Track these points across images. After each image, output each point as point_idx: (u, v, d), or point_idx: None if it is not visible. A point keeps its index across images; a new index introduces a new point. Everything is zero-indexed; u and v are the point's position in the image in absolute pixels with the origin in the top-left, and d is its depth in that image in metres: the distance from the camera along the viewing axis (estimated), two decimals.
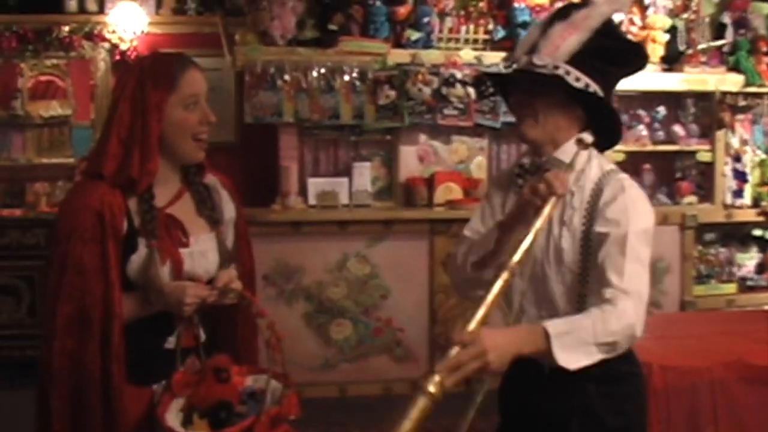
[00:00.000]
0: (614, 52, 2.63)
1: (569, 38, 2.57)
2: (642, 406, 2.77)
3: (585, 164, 2.62)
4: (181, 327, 2.61)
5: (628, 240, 2.47)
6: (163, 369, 2.56)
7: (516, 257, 2.30)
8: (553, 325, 2.31)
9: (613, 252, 2.47)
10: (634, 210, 2.53)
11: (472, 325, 2.17)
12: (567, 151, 2.60)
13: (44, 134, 7.39)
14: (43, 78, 7.29)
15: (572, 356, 2.31)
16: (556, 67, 2.52)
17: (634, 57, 2.75)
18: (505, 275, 2.26)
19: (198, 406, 2.43)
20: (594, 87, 2.55)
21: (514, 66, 2.61)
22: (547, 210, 2.40)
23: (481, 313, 2.19)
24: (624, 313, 2.36)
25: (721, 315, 6.28)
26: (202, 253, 2.68)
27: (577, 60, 2.55)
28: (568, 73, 2.52)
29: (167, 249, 2.60)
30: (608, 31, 2.63)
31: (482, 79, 6.17)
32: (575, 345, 2.32)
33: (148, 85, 2.59)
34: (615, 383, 2.65)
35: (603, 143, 2.68)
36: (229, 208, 2.84)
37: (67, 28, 6.93)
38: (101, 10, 6.96)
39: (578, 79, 2.52)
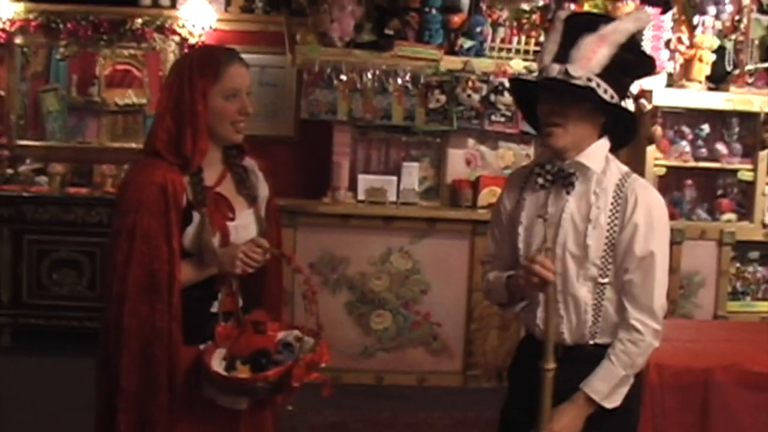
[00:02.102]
0: (634, 65, 2.83)
1: (599, 51, 2.72)
2: (639, 386, 2.97)
3: (605, 167, 2.84)
4: (223, 292, 2.89)
5: (656, 260, 2.80)
6: (208, 330, 2.84)
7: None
8: (596, 392, 2.76)
9: (642, 272, 2.80)
10: (659, 222, 2.82)
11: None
12: (590, 155, 2.81)
13: (119, 121, 7.67)
14: (120, 67, 7.58)
15: (618, 398, 2.78)
16: (590, 80, 2.70)
17: (648, 69, 2.98)
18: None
19: (240, 355, 2.72)
20: (616, 97, 2.77)
21: (549, 75, 2.77)
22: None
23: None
24: (650, 347, 2.79)
25: (729, 324, 6.31)
26: (244, 226, 2.97)
27: (604, 72, 2.72)
28: (598, 85, 2.70)
29: (217, 222, 2.89)
30: (631, 46, 2.81)
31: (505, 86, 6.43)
32: (617, 391, 2.78)
33: (195, 74, 2.86)
34: None
35: (616, 143, 2.90)
36: (263, 188, 3.12)
37: (140, 21, 7.24)
38: (173, 5, 7.25)
39: (606, 91, 2.72)
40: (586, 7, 6.67)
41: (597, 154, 2.84)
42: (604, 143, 2.86)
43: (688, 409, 4.09)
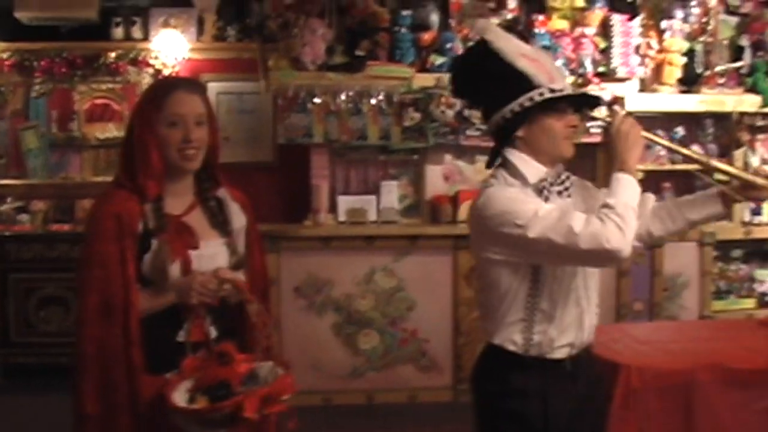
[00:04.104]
0: None
1: None
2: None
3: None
4: (190, 321, 2.89)
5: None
6: (175, 360, 2.84)
7: None
8: None
9: None
10: None
11: None
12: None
13: (101, 155, 7.71)
14: (98, 101, 7.61)
15: None
16: None
17: None
18: None
19: (202, 386, 2.74)
20: None
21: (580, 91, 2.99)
22: None
23: None
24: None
25: (711, 323, 6.33)
26: (210, 256, 2.99)
27: None
28: None
29: (177, 249, 2.91)
30: None
31: None
32: None
33: (144, 104, 2.98)
34: None
35: None
36: (238, 219, 3.14)
37: (113, 55, 7.29)
38: (145, 37, 7.29)
39: None
40: (555, 18, 6.74)
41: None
42: None
43: (672, 411, 4.07)
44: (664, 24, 6.94)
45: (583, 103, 3.04)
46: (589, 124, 6.59)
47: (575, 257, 2.73)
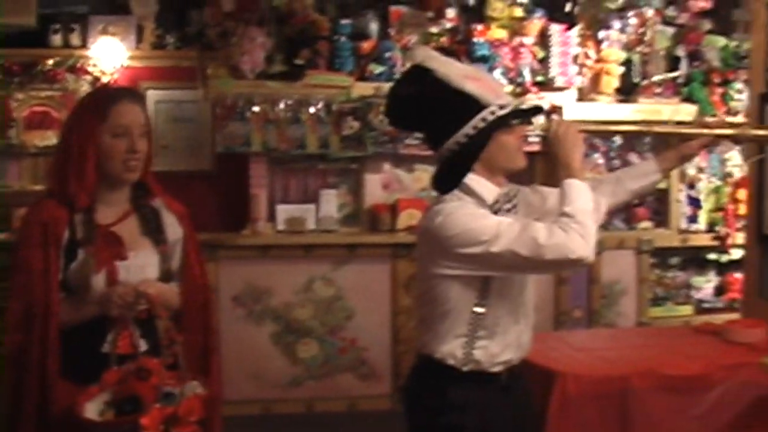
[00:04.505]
0: None
1: None
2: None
3: None
4: (114, 332, 2.87)
5: None
6: (99, 371, 2.80)
7: None
8: None
9: None
10: None
11: None
12: None
13: (39, 163, 7.59)
14: (37, 109, 7.49)
15: None
16: None
17: None
18: None
19: (116, 400, 2.72)
20: None
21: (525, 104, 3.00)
22: None
23: None
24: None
25: (646, 330, 6.42)
26: (140, 267, 2.97)
27: None
28: None
29: (104, 259, 2.90)
30: None
31: None
32: None
33: (85, 114, 2.96)
34: None
35: None
36: (174, 230, 3.12)
37: (51, 62, 7.20)
38: (84, 45, 7.20)
39: None
40: (493, 28, 6.78)
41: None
42: None
43: (608, 418, 4.08)
44: (601, 34, 7.02)
45: (528, 114, 3.03)
46: (528, 133, 6.62)
47: (539, 267, 2.76)
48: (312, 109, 6.52)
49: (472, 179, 2.89)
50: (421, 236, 3.01)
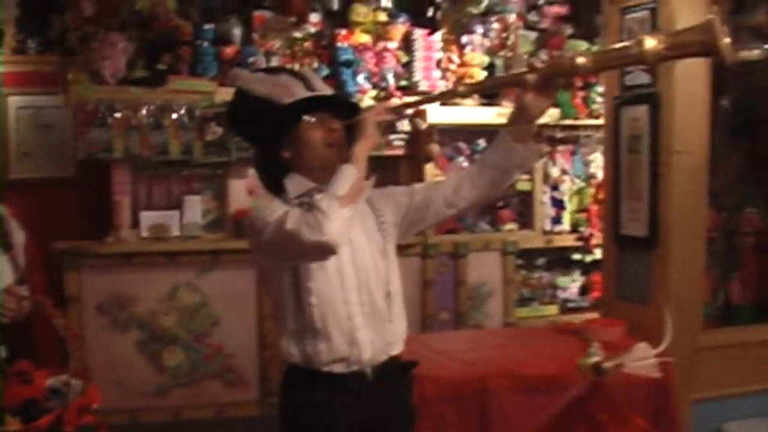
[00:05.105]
0: None
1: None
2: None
3: None
4: None
5: None
6: None
7: None
8: None
9: None
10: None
11: None
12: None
13: None
14: None
15: None
16: None
17: None
18: None
19: (9, 407, 2.69)
20: None
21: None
22: None
23: None
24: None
25: (505, 331, 6.57)
26: None
27: None
28: None
29: None
30: None
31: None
32: None
33: None
34: (408, 377, 3.18)
35: None
36: (18, 234, 3.10)
37: None
38: None
39: None
40: (357, 32, 6.81)
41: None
42: None
43: (467, 419, 4.15)
44: (464, 39, 7.11)
45: (343, 110, 3.04)
46: (392, 136, 6.70)
47: (294, 253, 2.79)
48: (174, 115, 6.45)
49: (288, 177, 2.97)
50: None
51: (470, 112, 6.93)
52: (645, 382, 3.93)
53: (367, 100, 6.49)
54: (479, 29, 7.14)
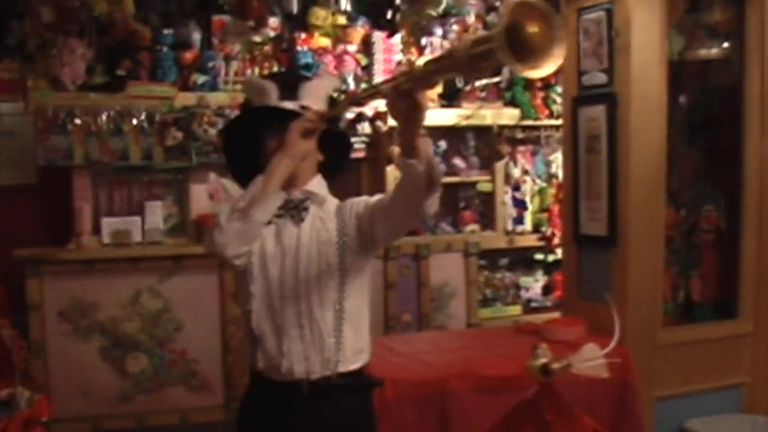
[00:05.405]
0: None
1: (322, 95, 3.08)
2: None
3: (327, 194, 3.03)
4: None
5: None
6: None
7: None
8: None
9: None
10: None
11: None
12: (316, 184, 3.02)
13: None
14: None
15: None
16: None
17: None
18: None
19: None
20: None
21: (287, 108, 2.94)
22: None
23: None
24: None
25: (468, 332, 6.61)
26: None
27: None
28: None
29: None
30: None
31: None
32: None
33: None
34: (364, 396, 3.06)
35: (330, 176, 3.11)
36: None
37: None
38: None
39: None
40: (317, 36, 6.82)
41: (321, 183, 3.02)
42: (320, 177, 3.03)
43: (427, 421, 4.16)
44: (424, 41, 7.13)
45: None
46: (354, 139, 6.70)
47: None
48: (134, 121, 6.44)
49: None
50: None
51: (431, 114, 6.86)
52: (606, 380, 3.95)
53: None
54: (439, 31, 7.17)
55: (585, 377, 3.79)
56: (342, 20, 6.97)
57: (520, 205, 7.38)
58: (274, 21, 6.82)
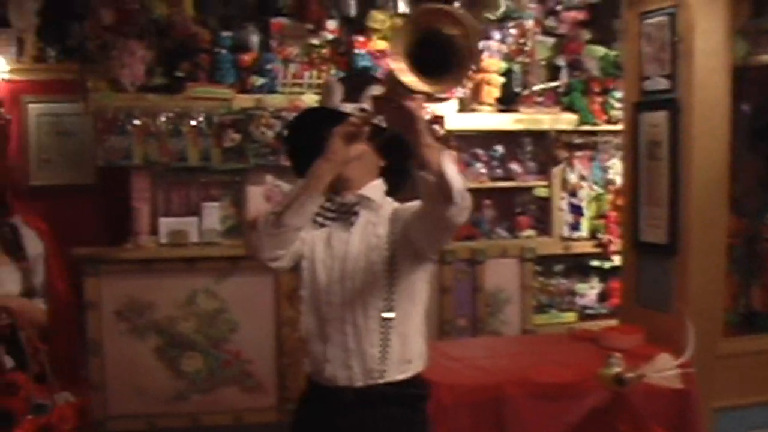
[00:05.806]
0: None
1: None
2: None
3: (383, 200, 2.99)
4: None
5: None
6: None
7: None
8: None
9: None
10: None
11: None
12: (371, 189, 2.99)
13: None
14: None
15: None
16: None
17: None
18: None
19: None
20: None
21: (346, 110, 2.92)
22: None
23: None
24: None
25: (521, 338, 6.60)
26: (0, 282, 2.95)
27: None
28: None
29: None
30: None
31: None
32: None
33: None
34: (412, 406, 3.02)
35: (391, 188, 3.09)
36: (34, 245, 3.10)
37: None
38: None
39: None
40: (375, 39, 6.82)
41: (377, 188, 2.98)
42: (380, 182, 3.00)
43: (483, 426, 4.13)
44: (481, 45, 7.07)
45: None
46: None
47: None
48: (193, 122, 6.48)
49: None
50: None
51: (488, 118, 6.94)
52: (666, 391, 3.90)
53: None
54: (497, 35, 7.14)
55: (645, 385, 3.75)
56: (400, 23, 6.93)
57: (576, 211, 7.32)
58: (332, 24, 6.83)
